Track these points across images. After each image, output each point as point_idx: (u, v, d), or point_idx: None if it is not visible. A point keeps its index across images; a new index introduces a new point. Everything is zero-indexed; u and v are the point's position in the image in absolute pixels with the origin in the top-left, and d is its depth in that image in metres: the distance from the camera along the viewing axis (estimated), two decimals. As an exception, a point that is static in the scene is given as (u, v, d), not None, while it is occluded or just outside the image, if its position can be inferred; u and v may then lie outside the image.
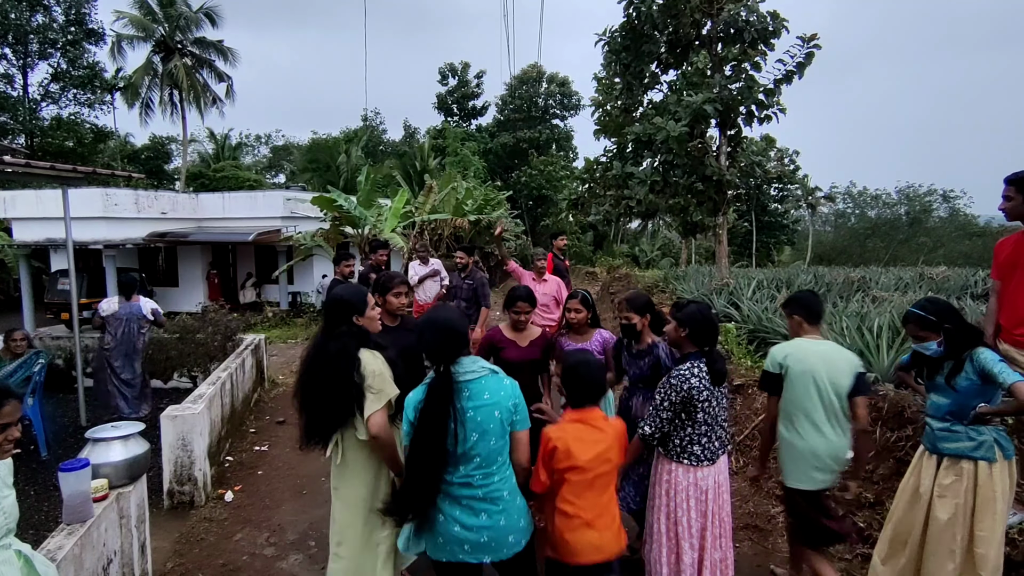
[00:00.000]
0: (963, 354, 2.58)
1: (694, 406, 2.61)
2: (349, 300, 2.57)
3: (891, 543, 2.83)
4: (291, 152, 41.04)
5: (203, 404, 4.38)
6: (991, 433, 2.56)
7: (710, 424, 2.65)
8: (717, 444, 2.70)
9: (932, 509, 2.64)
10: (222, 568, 3.48)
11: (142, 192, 15.38)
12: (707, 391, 2.61)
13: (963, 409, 2.60)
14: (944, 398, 2.67)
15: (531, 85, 36.22)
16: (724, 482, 2.74)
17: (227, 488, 4.51)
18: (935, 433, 2.70)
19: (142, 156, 31.61)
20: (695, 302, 2.88)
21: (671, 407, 2.62)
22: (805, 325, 2.92)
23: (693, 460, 2.64)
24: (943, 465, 2.64)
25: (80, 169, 5.57)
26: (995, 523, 2.52)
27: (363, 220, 13.36)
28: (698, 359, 2.67)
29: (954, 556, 2.57)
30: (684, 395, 2.59)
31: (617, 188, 14.13)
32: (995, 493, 2.52)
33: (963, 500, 2.56)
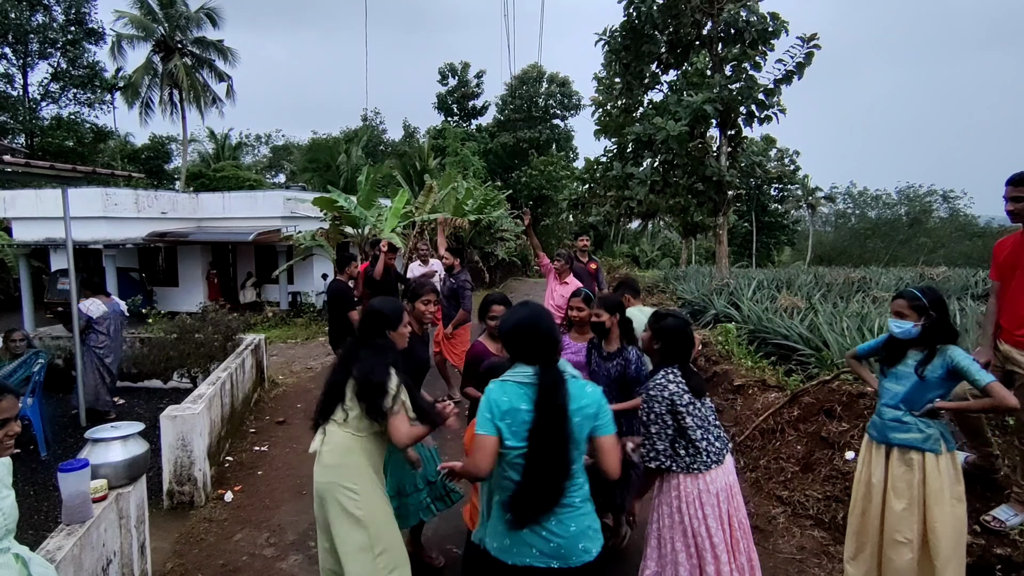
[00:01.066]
0: (935, 346, 2.66)
1: (680, 412, 2.51)
2: (386, 314, 2.66)
3: (856, 537, 2.89)
4: (291, 152, 41.04)
5: (203, 404, 4.38)
6: (938, 427, 2.66)
7: (703, 427, 2.56)
8: (719, 444, 2.60)
9: (887, 500, 2.71)
10: (222, 568, 3.47)
11: (142, 192, 15.38)
12: (687, 395, 2.53)
13: (920, 400, 2.68)
14: (900, 386, 2.74)
15: (531, 85, 36.21)
16: (734, 482, 2.63)
17: (227, 488, 4.51)
18: (885, 423, 2.78)
19: (142, 156, 31.61)
20: (673, 315, 2.78)
21: (658, 420, 2.52)
22: (632, 299, 4.17)
23: (702, 466, 2.51)
24: (893, 456, 2.72)
25: (80, 169, 5.57)
26: (945, 514, 2.60)
27: (363, 220, 13.34)
28: (672, 368, 2.60)
29: (912, 545, 2.63)
30: (668, 403, 2.51)
31: (617, 188, 14.13)
32: (942, 484, 2.61)
33: (915, 490, 2.64)
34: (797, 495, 3.78)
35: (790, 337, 6.29)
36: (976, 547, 3.00)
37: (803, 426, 4.15)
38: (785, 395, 4.56)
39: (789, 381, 4.91)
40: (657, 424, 2.53)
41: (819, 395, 4.23)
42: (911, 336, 2.72)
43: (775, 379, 5.01)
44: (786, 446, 4.15)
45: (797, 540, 3.45)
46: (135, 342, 7.25)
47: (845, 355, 3.41)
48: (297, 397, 7.00)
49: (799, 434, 4.14)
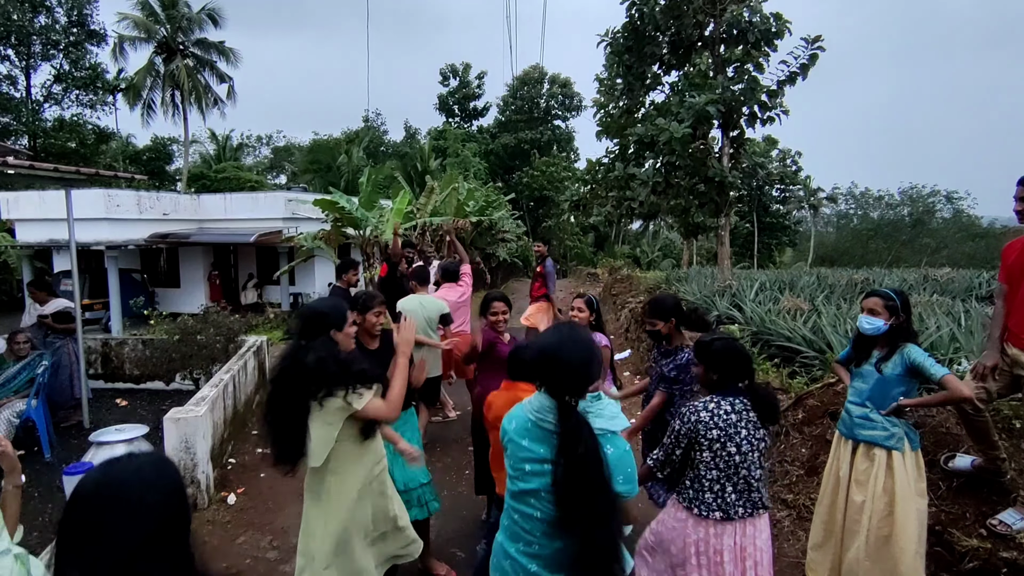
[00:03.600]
0: (896, 345, 2.81)
1: (699, 443, 2.32)
2: (327, 313, 2.54)
3: (823, 527, 3.04)
4: (292, 153, 41.08)
5: (205, 407, 4.37)
6: (902, 426, 2.79)
7: (723, 471, 2.31)
8: (735, 498, 2.32)
9: (849, 492, 2.87)
10: (226, 571, 3.46)
11: (144, 193, 15.40)
12: (719, 431, 2.29)
13: (882, 397, 2.82)
14: (865, 384, 2.89)
15: (533, 86, 36.23)
16: (756, 551, 2.33)
17: (230, 490, 4.50)
18: (853, 420, 2.92)
19: (144, 157, 31.64)
20: (719, 338, 2.54)
21: (675, 439, 2.38)
22: (419, 288, 5.15)
23: (704, 510, 2.33)
24: (858, 451, 2.87)
25: (83, 170, 5.57)
26: (909, 508, 2.71)
27: (364, 221, 13.35)
28: (723, 396, 2.37)
29: (866, 538, 2.76)
30: (689, 428, 2.33)
31: (619, 189, 14.13)
32: (907, 480, 2.74)
33: (875, 485, 2.77)
34: (802, 498, 3.77)
35: (793, 339, 6.27)
36: (982, 551, 2.98)
37: (808, 429, 4.13)
38: (789, 398, 4.55)
39: (793, 384, 4.89)
40: (670, 439, 2.42)
41: (823, 398, 4.22)
42: (879, 333, 2.86)
43: (779, 381, 4.99)
44: (791, 449, 4.14)
45: (802, 543, 3.43)
46: (137, 344, 7.25)
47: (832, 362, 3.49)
48: (299, 399, 6.98)
49: (804, 437, 4.13)
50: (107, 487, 1.14)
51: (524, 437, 1.88)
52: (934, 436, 3.48)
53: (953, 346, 5.07)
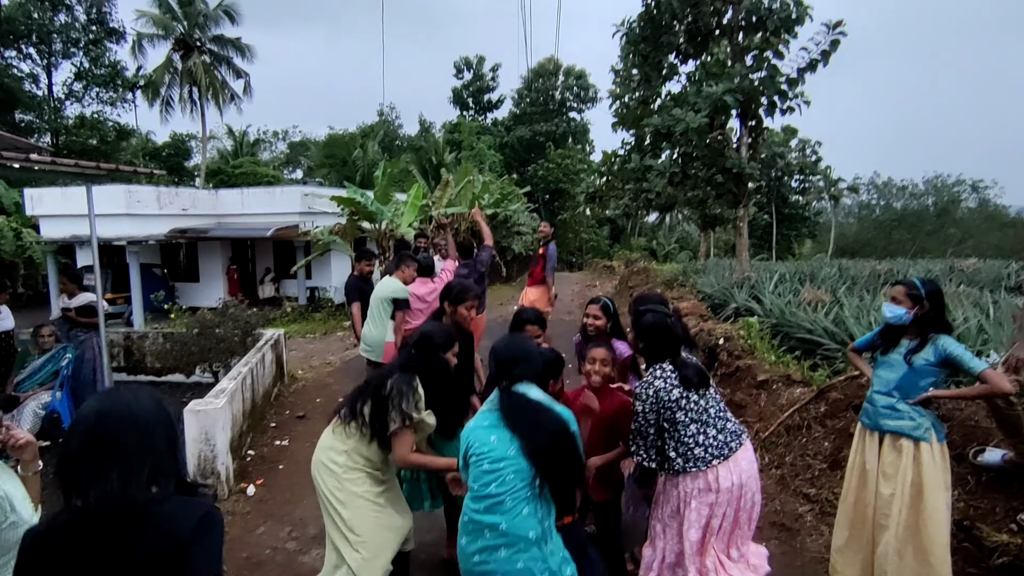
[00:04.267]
0: (927, 336, 2.73)
1: (669, 409, 2.45)
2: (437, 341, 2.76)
3: (848, 521, 2.96)
4: (308, 148, 41.32)
5: (224, 399, 4.41)
6: (929, 417, 2.72)
7: (698, 420, 2.46)
8: (722, 437, 2.48)
9: (877, 486, 2.80)
10: (245, 561, 3.50)
11: (163, 189, 15.57)
12: (676, 390, 2.45)
13: (911, 387, 2.74)
14: (893, 374, 2.81)
15: (547, 78, 36.01)
16: (748, 479, 2.47)
17: (249, 482, 4.54)
18: (878, 410, 2.85)
19: (163, 153, 32.04)
20: (652, 309, 2.75)
21: (644, 418, 2.49)
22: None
23: (700, 464, 2.44)
24: (885, 443, 2.80)
25: (103, 166, 5.63)
26: (938, 500, 2.65)
27: (380, 215, 13.38)
28: (660, 365, 2.56)
29: (895, 531, 2.69)
30: (652, 401, 2.46)
31: (636, 181, 14.00)
32: (935, 472, 2.67)
33: (904, 477, 2.70)
34: (825, 493, 3.70)
35: (815, 331, 6.17)
36: (1012, 546, 2.91)
37: (830, 422, 4.06)
38: (811, 391, 4.47)
39: (815, 376, 4.81)
40: (639, 423, 2.52)
41: (847, 391, 4.14)
42: (902, 322, 2.81)
43: (800, 374, 4.91)
44: (813, 443, 4.06)
45: (825, 539, 3.37)
46: (158, 337, 7.35)
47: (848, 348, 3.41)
48: (316, 392, 7.04)
49: (826, 430, 4.05)
50: (118, 412, 1.30)
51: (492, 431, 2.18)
52: (963, 429, 3.39)
53: (981, 337, 4.95)
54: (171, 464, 1.35)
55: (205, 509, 1.33)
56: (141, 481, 1.27)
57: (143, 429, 1.30)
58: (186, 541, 1.26)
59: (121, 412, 1.31)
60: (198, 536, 1.28)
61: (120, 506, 1.24)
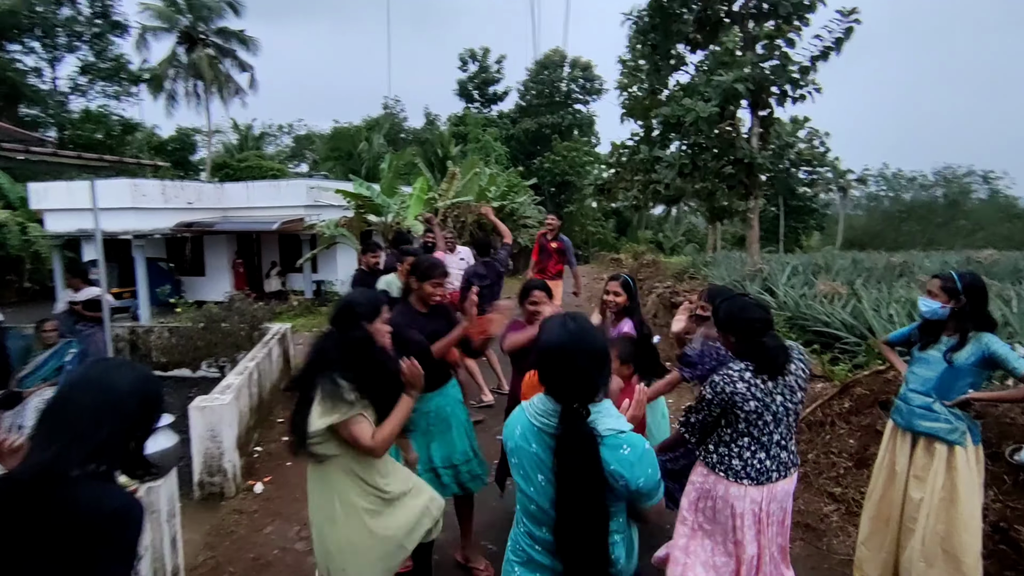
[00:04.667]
0: (967, 333, 2.58)
1: (735, 414, 2.24)
2: (360, 305, 2.47)
3: (872, 523, 2.86)
4: (313, 141, 41.16)
5: (231, 395, 4.32)
6: (966, 420, 2.60)
7: (757, 439, 2.24)
8: (769, 464, 2.26)
9: (907, 488, 2.69)
10: (253, 562, 3.41)
11: (169, 182, 15.54)
12: (756, 402, 2.20)
13: (949, 388, 2.60)
14: (931, 372, 2.67)
15: (553, 70, 35.71)
16: (777, 511, 2.29)
17: (256, 479, 4.46)
18: (913, 409, 2.71)
19: (168, 148, 31.97)
20: (726, 296, 2.55)
21: (707, 407, 2.30)
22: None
23: (731, 475, 2.26)
24: (919, 444, 2.68)
25: (106, 158, 5.54)
26: (972, 506, 2.56)
27: (386, 208, 13.27)
28: (750, 365, 2.27)
29: (923, 538, 2.60)
30: (723, 399, 2.23)
31: (644, 172, 13.83)
32: (970, 477, 2.57)
33: (935, 481, 2.59)
34: (851, 492, 3.58)
35: (831, 324, 6.02)
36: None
37: (855, 419, 3.93)
38: (833, 385, 4.34)
39: (835, 371, 4.68)
40: (702, 411, 2.33)
41: (872, 386, 4.01)
42: (937, 317, 2.67)
43: (820, 368, 4.77)
44: (837, 440, 3.94)
45: (852, 539, 3.25)
46: (163, 331, 7.27)
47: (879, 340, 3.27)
48: (324, 386, 6.93)
49: (851, 427, 3.92)
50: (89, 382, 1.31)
51: (531, 442, 1.69)
52: (998, 427, 3.26)
53: (1007, 331, 4.81)
54: (121, 444, 1.31)
55: (120, 501, 1.26)
56: (81, 455, 1.22)
57: (105, 403, 1.28)
58: (90, 531, 1.20)
59: (92, 382, 1.31)
60: (107, 533, 1.22)
61: (39, 477, 1.20)
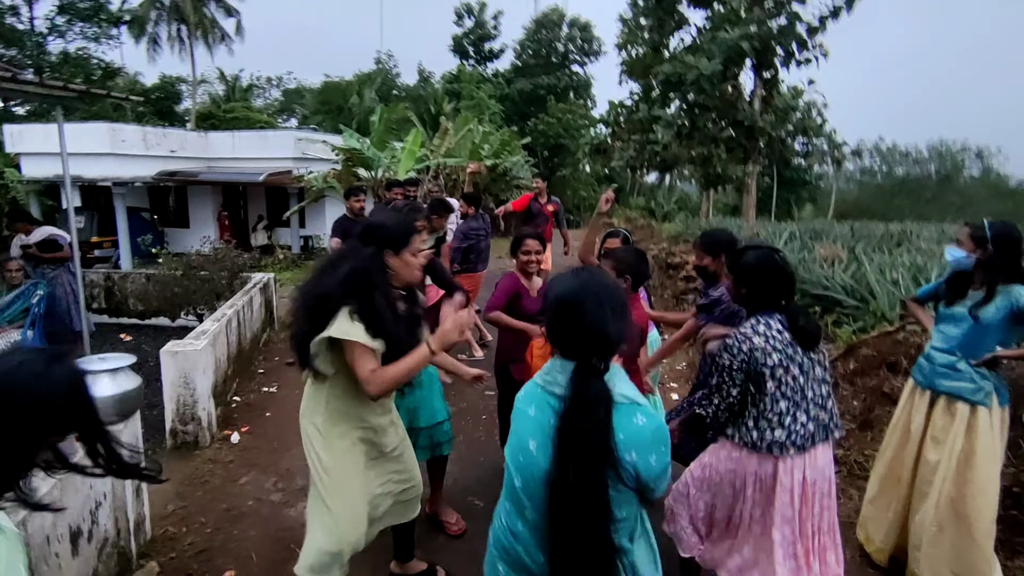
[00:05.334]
0: (996, 286, 2.38)
1: (761, 374, 2.00)
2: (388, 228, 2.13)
3: (882, 482, 2.74)
4: (303, 96, 39.97)
5: (206, 341, 4.08)
6: (993, 379, 2.43)
7: (791, 399, 2.01)
8: (811, 426, 2.03)
9: (922, 450, 2.56)
10: (226, 513, 3.23)
11: (150, 128, 14.95)
12: (779, 354, 1.98)
13: (975, 345, 2.43)
14: (957, 329, 2.49)
15: (551, 29, 34.65)
16: (824, 479, 2.08)
17: (234, 429, 4.26)
18: (935, 368, 2.54)
19: (152, 96, 30.88)
20: (753, 247, 2.21)
21: (729, 376, 2.03)
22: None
23: (775, 449, 2.01)
24: (938, 404, 2.52)
25: (72, 87, 5.14)
26: (991, 472, 2.42)
27: (376, 161, 12.87)
28: (769, 315, 2.06)
29: (936, 501, 2.46)
30: (743, 359, 2.00)
31: (642, 132, 13.49)
32: (991, 440, 2.41)
33: (954, 443, 2.44)
34: (854, 455, 3.45)
35: (832, 288, 5.86)
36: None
37: (861, 380, 3.78)
38: (837, 348, 4.18)
39: (840, 333, 4.52)
40: (722, 379, 2.05)
41: (880, 347, 3.85)
42: (962, 267, 2.50)
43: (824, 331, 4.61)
44: (841, 402, 3.79)
45: (855, 503, 3.13)
46: (140, 278, 6.98)
47: (905, 298, 3.08)
48: (308, 339, 6.72)
49: (856, 389, 3.78)
50: None
51: (531, 404, 1.51)
52: (1015, 390, 3.10)
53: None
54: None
55: None
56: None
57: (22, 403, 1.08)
58: None
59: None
60: None
61: None
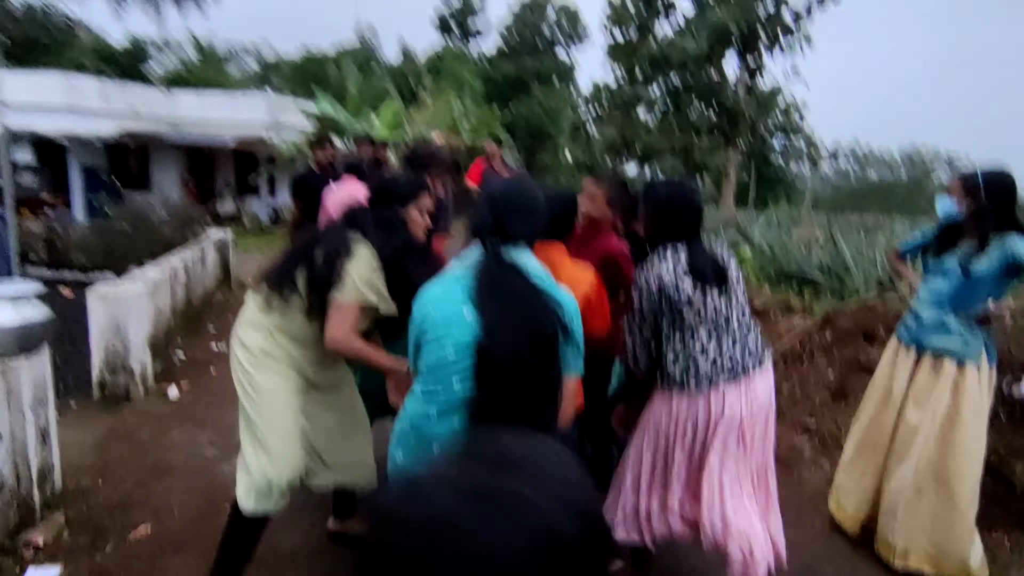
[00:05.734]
0: (988, 235, 2.21)
1: (675, 304, 1.84)
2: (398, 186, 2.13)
3: (857, 447, 2.57)
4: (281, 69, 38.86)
5: (142, 286, 3.75)
6: (983, 335, 2.28)
7: (713, 322, 1.87)
8: (737, 350, 1.88)
9: (903, 410, 2.40)
10: (151, 467, 2.94)
11: (110, 82, 14.22)
12: (689, 279, 1.84)
13: (966, 299, 2.27)
14: (946, 283, 2.32)
15: (538, 13, 34.21)
16: (760, 408, 1.90)
17: (172, 383, 3.95)
18: (922, 324, 2.38)
19: (119, 58, 29.57)
20: (669, 181, 2.16)
21: (640, 314, 1.90)
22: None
23: (703, 381, 1.85)
24: (923, 363, 2.36)
25: None
26: (977, 433, 2.27)
27: (351, 128, 12.45)
28: (668, 247, 1.92)
29: (916, 463, 2.31)
30: (654, 290, 1.85)
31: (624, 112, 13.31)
32: (979, 399, 2.27)
33: (938, 404, 2.29)
34: (827, 425, 3.30)
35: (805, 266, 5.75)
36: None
37: (837, 350, 3.64)
38: (813, 321, 4.04)
39: (815, 306, 4.39)
40: (637, 322, 1.93)
41: (858, 318, 3.71)
42: (951, 217, 2.33)
43: (800, 305, 4.48)
44: (815, 372, 3.64)
45: (826, 473, 2.98)
46: (84, 230, 6.55)
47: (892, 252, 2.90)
48: (266, 301, 6.40)
49: (830, 359, 3.64)
50: None
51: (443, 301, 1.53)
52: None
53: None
54: None
55: None
56: None
57: None
58: None
59: None
60: None
61: None
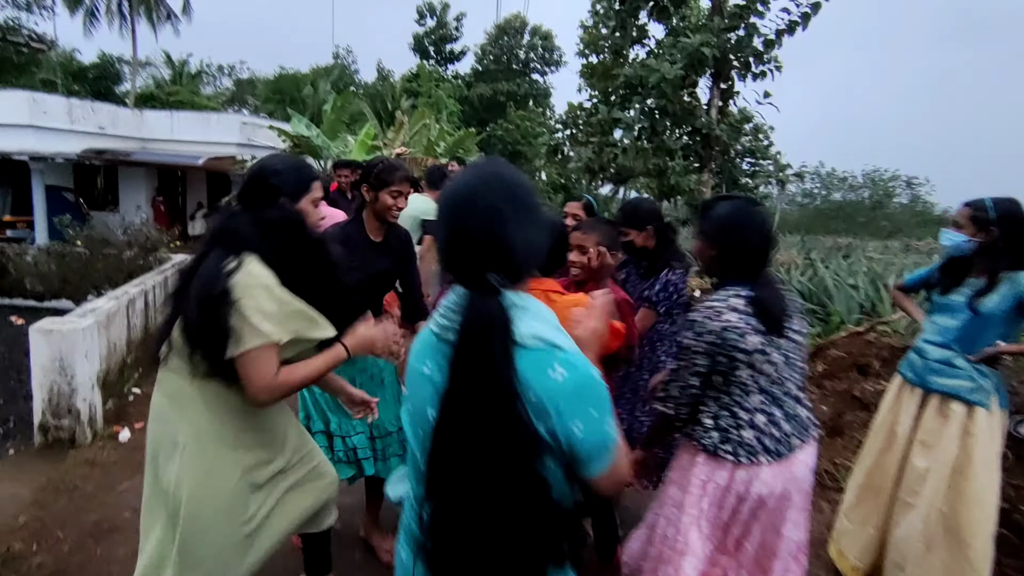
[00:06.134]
0: (999, 272, 2.10)
1: (732, 360, 1.59)
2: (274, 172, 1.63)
3: (860, 492, 2.44)
4: (256, 86, 38.54)
5: (91, 319, 3.47)
6: (993, 377, 2.16)
7: (767, 391, 1.62)
8: (787, 427, 1.65)
9: (909, 455, 2.27)
10: (94, 526, 2.66)
11: (76, 101, 13.82)
12: (757, 336, 1.58)
13: (974, 338, 2.15)
14: (954, 320, 2.21)
15: (513, 36, 34.64)
16: (798, 492, 1.67)
17: (124, 425, 3.65)
18: (928, 363, 2.26)
19: (89, 76, 29.00)
20: (730, 197, 1.85)
21: (693, 361, 1.62)
22: None
23: (743, 454, 1.61)
24: (929, 405, 2.25)
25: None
26: (991, 480, 2.14)
27: (326, 150, 12.24)
28: (742, 287, 1.64)
29: (925, 513, 2.17)
30: (712, 340, 1.58)
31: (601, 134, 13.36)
32: (990, 445, 2.14)
33: (946, 449, 2.17)
34: (823, 464, 3.16)
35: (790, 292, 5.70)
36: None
37: (830, 383, 3.52)
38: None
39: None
40: (686, 369, 1.64)
41: (851, 348, 3.60)
42: (962, 252, 2.20)
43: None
44: (808, 406, 3.53)
45: (826, 517, 2.83)
46: (41, 256, 6.20)
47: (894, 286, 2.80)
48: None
49: (824, 392, 3.52)
50: None
51: (425, 359, 1.07)
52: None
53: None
54: None
55: None
56: None
57: None
58: None
59: None
60: None
61: None
